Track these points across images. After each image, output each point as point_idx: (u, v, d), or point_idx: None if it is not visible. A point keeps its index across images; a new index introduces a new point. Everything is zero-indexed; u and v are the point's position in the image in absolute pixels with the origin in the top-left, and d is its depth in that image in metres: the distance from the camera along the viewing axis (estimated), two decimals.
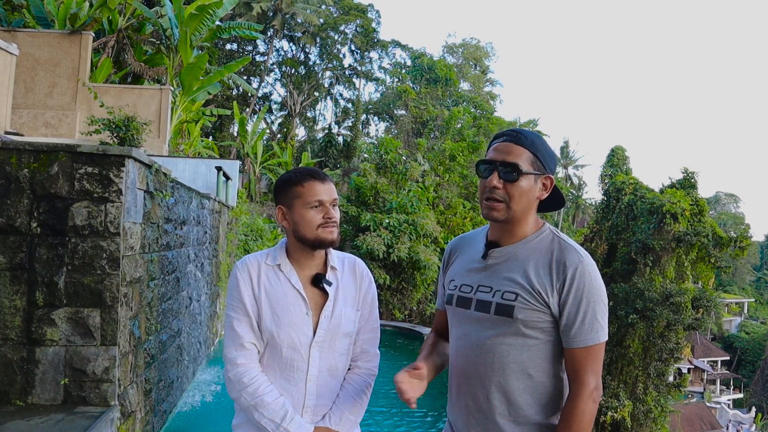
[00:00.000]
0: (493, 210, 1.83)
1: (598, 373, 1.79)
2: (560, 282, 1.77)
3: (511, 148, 1.83)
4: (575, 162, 56.28)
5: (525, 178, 1.81)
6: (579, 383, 1.77)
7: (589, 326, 1.76)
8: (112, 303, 4.31)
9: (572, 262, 1.78)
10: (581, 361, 1.77)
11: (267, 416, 2.02)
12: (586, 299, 1.76)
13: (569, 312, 1.77)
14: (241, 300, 2.09)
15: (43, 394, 4.25)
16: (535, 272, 1.81)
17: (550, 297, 1.78)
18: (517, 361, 1.81)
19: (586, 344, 1.77)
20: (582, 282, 1.76)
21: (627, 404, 19.80)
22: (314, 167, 2.21)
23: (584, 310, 1.76)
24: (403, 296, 18.85)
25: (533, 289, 1.78)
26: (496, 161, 1.83)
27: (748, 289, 64.73)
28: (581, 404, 1.75)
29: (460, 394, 1.94)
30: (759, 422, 42.72)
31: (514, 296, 1.80)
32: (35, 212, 4.24)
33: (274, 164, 31.34)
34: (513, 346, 1.81)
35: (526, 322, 1.79)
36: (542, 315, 1.79)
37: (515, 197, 1.81)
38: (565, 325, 1.78)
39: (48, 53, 11.48)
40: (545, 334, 1.81)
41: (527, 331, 1.80)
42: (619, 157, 28.37)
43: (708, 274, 22.71)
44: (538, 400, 1.82)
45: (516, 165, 1.80)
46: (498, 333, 1.82)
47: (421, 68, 35.63)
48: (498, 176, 1.82)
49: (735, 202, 75.01)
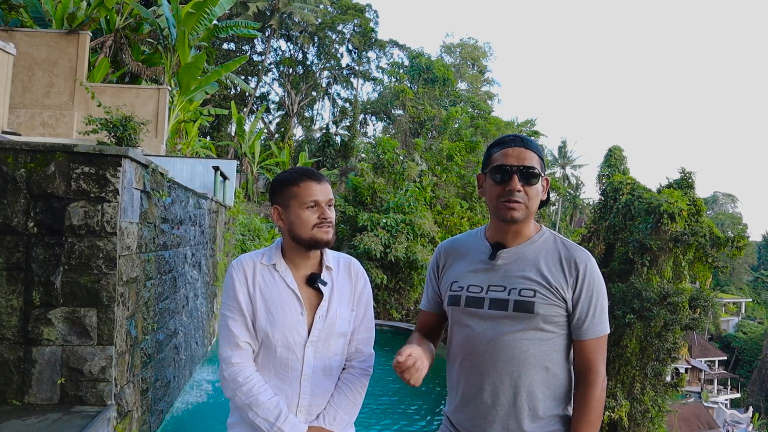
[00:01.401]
0: (515, 211, 1.93)
1: (605, 363, 1.95)
2: (573, 278, 1.91)
3: (525, 153, 1.94)
4: (573, 162, 56.33)
5: (540, 181, 1.96)
6: (593, 372, 1.91)
7: (599, 318, 1.92)
8: (108, 303, 4.32)
9: (582, 260, 1.93)
10: (593, 351, 1.92)
11: (261, 415, 2.02)
12: (596, 293, 1.92)
13: (582, 306, 1.91)
14: (236, 299, 2.10)
15: (40, 393, 4.26)
16: (548, 270, 1.93)
17: (566, 292, 1.91)
18: (537, 355, 1.91)
19: (597, 335, 1.92)
20: (592, 278, 1.92)
21: (624, 404, 19.84)
22: (310, 167, 2.22)
23: (595, 303, 1.91)
24: (401, 296, 18.87)
25: (551, 286, 1.90)
26: (516, 166, 1.93)
27: (745, 289, 64.85)
28: (597, 392, 1.90)
29: (472, 394, 1.96)
30: (756, 422, 42.80)
31: (533, 293, 1.90)
32: (32, 212, 4.24)
33: (271, 164, 31.33)
34: (533, 341, 1.91)
35: (546, 317, 1.90)
36: (559, 309, 1.91)
37: (533, 198, 1.94)
38: (578, 318, 1.92)
39: (45, 53, 11.47)
40: (560, 328, 1.93)
41: (546, 326, 1.91)
42: (617, 157, 28.34)
43: (705, 274, 22.74)
44: (553, 392, 1.93)
45: (534, 168, 1.93)
46: (518, 329, 1.90)
47: (418, 68, 35.59)
48: (518, 180, 1.92)
49: (732, 202, 75.16)
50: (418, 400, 7.65)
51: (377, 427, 6.56)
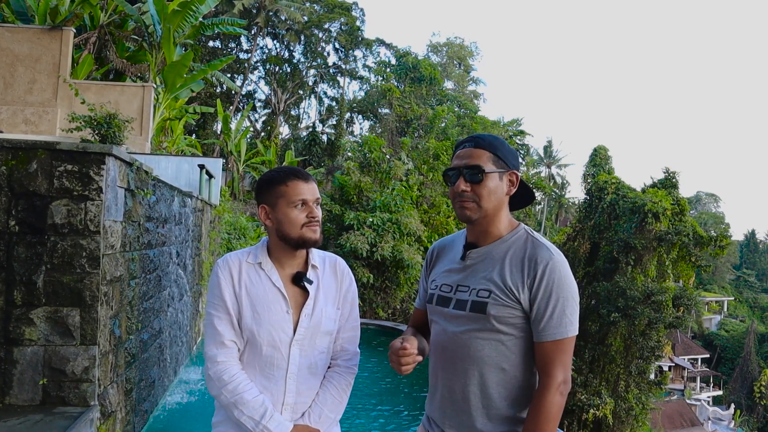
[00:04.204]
0: (466, 209, 1.94)
1: (567, 367, 1.85)
2: (531, 278, 1.85)
3: (472, 152, 1.94)
4: (558, 161, 56.65)
5: (490, 177, 1.92)
6: (547, 376, 1.83)
7: (558, 320, 1.83)
8: (92, 302, 4.27)
9: (543, 258, 1.86)
10: (550, 354, 1.84)
11: (247, 414, 2.02)
12: (556, 294, 1.83)
13: (539, 306, 1.84)
14: (221, 298, 2.09)
15: (21, 394, 4.20)
16: (509, 270, 1.89)
17: (521, 293, 1.85)
18: (491, 356, 1.89)
19: (555, 338, 1.83)
20: (552, 277, 1.83)
21: (609, 402, 19.99)
22: (297, 166, 2.22)
23: (553, 304, 1.83)
24: (387, 295, 18.86)
25: (505, 286, 1.87)
26: (460, 167, 1.94)
27: (727, 288, 65.56)
28: (549, 396, 1.81)
29: (437, 388, 2.03)
30: (737, 419, 43.35)
31: (488, 293, 1.88)
32: (13, 210, 4.19)
33: (257, 162, 31.17)
34: (487, 341, 1.89)
35: (499, 317, 1.86)
36: (514, 311, 1.86)
37: (484, 196, 1.91)
38: (535, 319, 1.85)
39: (28, 49, 11.31)
40: (518, 330, 1.88)
41: (500, 327, 1.87)
42: (602, 156, 28.52)
43: (689, 272, 22.99)
44: (510, 394, 1.90)
45: (479, 166, 1.91)
46: (473, 329, 1.91)
47: (405, 67, 35.56)
48: (464, 180, 1.93)
49: (715, 202, 75.93)
50: (402, 397, 7.66)
51: (362, 424, 6.56)
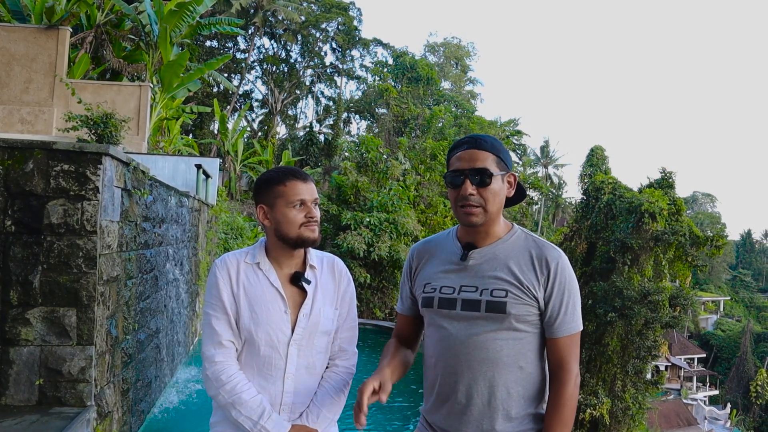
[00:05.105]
0: (472, 216, 1.91)
1: (578, 361, 1.94)
2: (545, 276, 1.89)
3: (476, 154, 1.91)
4: (555, 161, 56.74)
5: (495, 180, 1.91)
6: (566, 370, 1.89)
7: (571, 316, 1.91)
8: (88, 302, 4.26)
9: (553, 258, 1.91)
10: (566, 349, 1.90)
11: (245, 414, 2.02)
12: (568, 291, 1.90)
13: (554, 304, 1.89)
14: (219, 298, 2.09)
15: (18, 394, 4.19)
16: (519, 269, 1.91)
17: (537, 290, 1.89)
18: (510, 355, 1.89)
19: (570, 333, 1.91)
20: (563, 276, 1.90)
21: (606, 402, 20.00)
22: (295, 166, 2.22)
23: (566, 301, 1.90)
24: (384, 295, 18.87)
25: (522, 285, 1.89)
26: (466, 169, 1.90)
27: (724, 288, 65.74)
28: (570, 389, 1.88)
29: (447, 395, 1.96)
30: (734, 418, 43.47)
31: (505, 293, 1.88)
32: (9, 210, 4.17)
33: (254, 162, 31.14)
34: (506, 341, 1.89)
35: (518, 316, 1.88)
36: (531, 308, 1.89)
37: (490, 200, 1.90)
38: (550, 316, 1.90)
39: (24, 48, 11.27)
40: (532, 327, 1.92)
41: (519, 326, 1.89)
42: (599, 156, 28.59)
43: (685, 272, 23.00)
44: (527, 391, 1.92)
45: (486, 170, 1.89)
46: (491, 329, 1.89)
47: (402, 67, 35.58)
48: (471, 183, 1.89)
49: (712, 202, 76.13)
50: (398, 399, 7.65)
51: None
